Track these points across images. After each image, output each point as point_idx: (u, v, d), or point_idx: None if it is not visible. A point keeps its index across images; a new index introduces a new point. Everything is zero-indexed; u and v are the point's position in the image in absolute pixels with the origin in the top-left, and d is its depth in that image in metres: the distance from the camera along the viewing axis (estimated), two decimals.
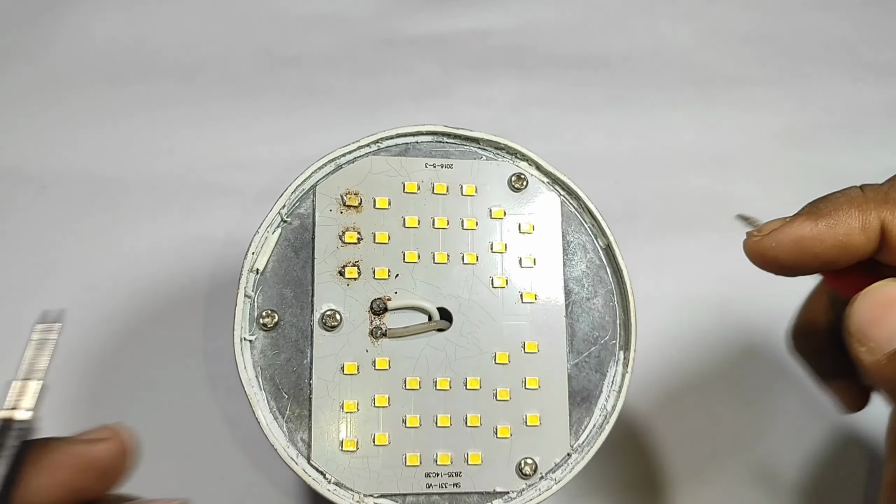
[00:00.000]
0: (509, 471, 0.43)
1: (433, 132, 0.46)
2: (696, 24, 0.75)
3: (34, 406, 0.33)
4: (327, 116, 0.68)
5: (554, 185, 0.47)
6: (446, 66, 0.71)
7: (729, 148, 0.69)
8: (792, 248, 0.37)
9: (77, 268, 0.61)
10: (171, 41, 0.70)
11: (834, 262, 0.37)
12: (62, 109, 0.67)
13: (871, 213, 0.36)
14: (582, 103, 0.70)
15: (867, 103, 0.72)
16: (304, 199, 0.44)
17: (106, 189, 0.64)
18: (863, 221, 0.36)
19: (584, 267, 0.46)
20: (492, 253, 0.45)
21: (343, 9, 0.73)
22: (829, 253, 0.36)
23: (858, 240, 0.36)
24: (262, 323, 0.42)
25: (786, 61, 0.74)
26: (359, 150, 0.45)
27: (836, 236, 0.36)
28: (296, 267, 0.43)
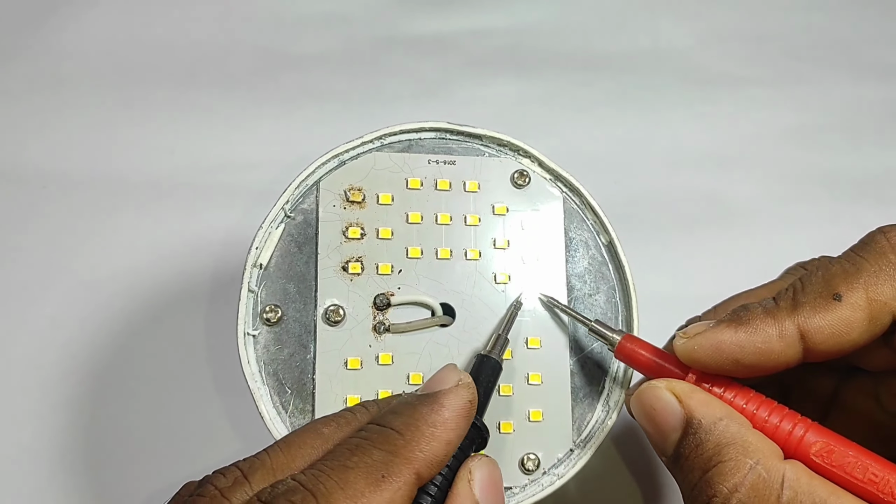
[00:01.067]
0: (512, 466, 0.43)
1: (436, 129, 0.46)
2: (696, 24, 0.75)
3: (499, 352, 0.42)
4: (327, 116, 0.68)
5: (556, 181, 0.47)
6: (446, 66, 0.71)
7: (729, 147, 0.69)
8: (712, 353, 0.38)
9: (77, 268, 0.61)
10: (171, 41, 0.70)
11: (759, 368, 0.38)
12: (62, 109, 0.67)
13: (785, 321, 0.37)
14: (582, 103, 0.70)
15: (867, 103, 0.72)
16: (307, 195, 0.44)
17: (106, 189, 0.64)
18: (779, 329, 0.37)
19: (587, 263, 0.46)
20: (494, 249, 0.45)
21: (343, 9, 0.73)
22: (751, 359, 0.37)
23: (777, 346, 0.37)
24: (266, 318, 0.42)
25: (786, 61, 0.74)
26: (362, 146, 0.45)
27: (755, 344, 0.37)
28: (299, 262, 0.44)
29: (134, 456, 0.56)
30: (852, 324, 0.36)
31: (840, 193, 0.68)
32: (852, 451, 0.36)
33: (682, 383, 0.39)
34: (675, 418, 0.38)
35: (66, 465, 0.56)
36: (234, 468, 0.34)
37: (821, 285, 0.38)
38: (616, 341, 0.42)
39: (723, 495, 0.35)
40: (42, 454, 0.56)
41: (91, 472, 0.55)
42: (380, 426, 0.35)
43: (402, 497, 0.33)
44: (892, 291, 0.37)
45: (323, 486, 0.32)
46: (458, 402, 0.36)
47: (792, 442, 0.37)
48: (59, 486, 0.55)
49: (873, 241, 0.39)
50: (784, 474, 0.34)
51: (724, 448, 0.36)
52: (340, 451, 0.34)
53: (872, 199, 0.67)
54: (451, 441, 0.35)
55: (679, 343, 0.39)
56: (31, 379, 0.58)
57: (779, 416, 0.37)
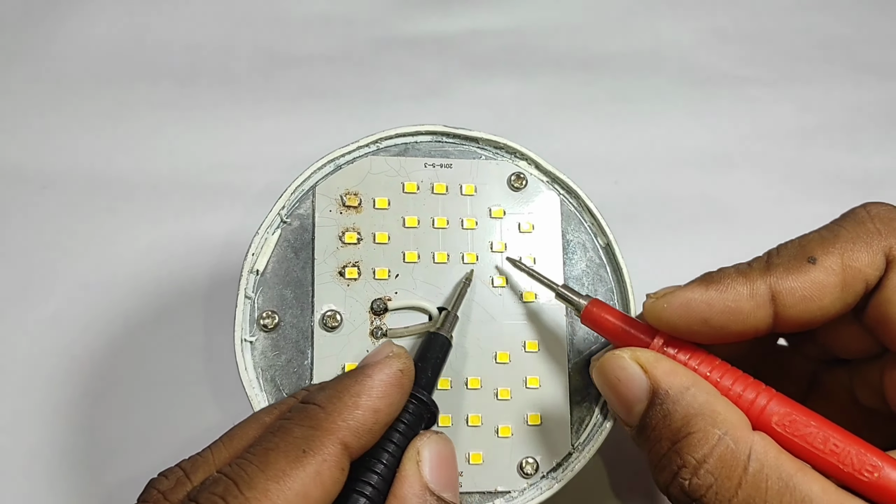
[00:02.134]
0: (511, 470, 0.43)
1: (432, 132, 0.46)
2: (696, 24, 0.74)
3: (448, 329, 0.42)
4: (327, 116, 0.68)
5: (553, 183, 0.47)
6: (446, 66, 0.71)
7: (729, 148, 0.69)
8: (683, 311, 0.38)
9: (77, 268, 0.61)
10: (171, 41, 0.70)
11: (728, 330, 0.37)
12: (62, 109, 0.67)
13: (757, 281, 0.37)
14: (582, 103, 0.70)
15: (867, 103, 0.72)
16: (303, 200, 0.44)
17: (106, 189, 0.64)
18: (750, 288, 0.37)
19: (584, 266, 0.46)
20: (492, 252, 0.45)
21: (343, 9, 0.73)
22: (719, 318, 0.37)
23: (747, 306, 0.37)
24: (263, 324, 0.42)
25: (786, 61, 0.73)
26: (358, 150, 0.45)
27: (725, 301, 0.37)
28: (296, 268, 0.44)
29: (132, 458, 0.56)
30: (825, 288, 0.36)
31: (840, 193, 0.67)
32: (814, 422, 0.36)
33: (647, 352, 0.38)
34: (641, 388, 0.37)
35: (65, 465, 0.56)
36: (177, 468, 0.35)
37: (796, 249, 0.38)
38: (583, 306, 0.42)
39: (691, 466, 0.35)
40: (41, 454, 0.56)
41: (89, 473, 0.56)
42: (303, 404, 0.35)
43: (331, 468, 0.33)
44: (867, 258, 0.36)
45: (244, 473, 0.32)
46: (385, 371, 0.36)
47: (754, 411, 0.36)
48: (58, 486, 0.55)
49: (853, 212, 0.39)
50: (752, 446, 0.34)
51: (693, 418, 0.36)
52: (265, 435, 0.35)
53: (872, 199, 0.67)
54: (380, 409, 0.35)
55: (648, 302, 0.39)
56: (30, 379, 0.58)
57: (743, 384, 0.37)
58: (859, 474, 0.34)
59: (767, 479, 0.34)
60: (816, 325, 0.37)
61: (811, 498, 0.33)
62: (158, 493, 0.34)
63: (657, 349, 0.39)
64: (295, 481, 0.32)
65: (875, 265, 0.36)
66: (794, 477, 0.34)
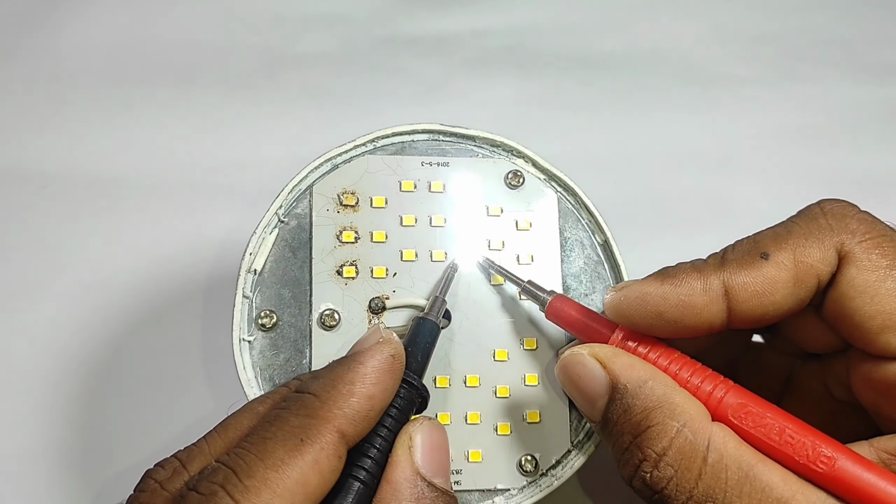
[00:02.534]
0: (510, 468, 0.43)
1: (429, 130, 0.46)
2: (697, 24, 0.74)
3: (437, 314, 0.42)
4: (327, 116, 0.68)
5: (551, 181, 0.47)
6: (446, 66, 0.71)
7: (729, 148, 0.69)
8: (638, 304, 0.38)
9: (77, 268, 0.61)
10: (172, 41, 0.70)
11: (683, 324, 0.38)
12: (62, 109, 0.67)
13: (711, 276, 0.37)
14: (582, 103, 0.70)
15: (867, 103, 0.72)
16: (300, 200, 0.44)
17: (106, 189, 0.64)
18: (704, 283, 0.37)
19: (582, 263, 0.46)
20: (490, 250, 0.45)
21: (343, 8, 0.73)
22: (673, 312, 0.37)
23: (700, 300, 0.37)
24: (261, 323, 0.43)
25: (786, 61, 0.73)
26: (355, 149, 0.45)
27: (679, 296, 0.37)
28: (293, 267, 0.44)
29: (131, 457, 0.56)
30: (776, 283, 0.37)
31: (840, 193, 0.67)
32: (770, 413, 0.36)
33: (606, 347, 0.39)
34: (601, 384, 0.38)
35: (64, 464, 0.56)
36: (174, 458, 0.35)
37: (750, 245, 0.38)
38: (547, 301, 0.42)
39: (652, 459, 0.35)
40: (41, 454, 0.56)
41: (88, 472, 0.56)
42: (298, 393, 0.36)
43: (328, 456, 0.33)
44: (819, 254, 0.37)
45: (242, 462, 0.32)
46: (377, 357, 0.36)
47: (712, 403, 0.37)
48: (58, 485, 0.55)
49: (808, 209, 0.39)
50: (710, 437, 0.35)
51: (652, 412, 0.36)
52: (261, 424, 0.35)
53: (872, 199, 0.66)
54: (375, 396, 0.35)
55: (607, 296, 0.39)
56: (30, 379, 0.58)
57: (701, 376, 0.37)
58: (814, 465, 0.34)
59: (727, 469, 0.34)
60: (771, 320, 0.38)
61: (771, 487, 0.33)
62: (155, 482, 0.34)
63: (617, 343, 0.39)
64: (294, 470, 0.32)
65: (827, 261, 0.37)
66: (755, 467, 0.34)
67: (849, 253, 0.37)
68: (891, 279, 0.36)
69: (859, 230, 0.37)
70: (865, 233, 0.37)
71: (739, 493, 0.34)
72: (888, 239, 0.37)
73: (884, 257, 0.36)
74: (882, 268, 0.36)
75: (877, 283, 0.36)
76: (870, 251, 0.36)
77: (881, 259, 0.36)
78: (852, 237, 0.37)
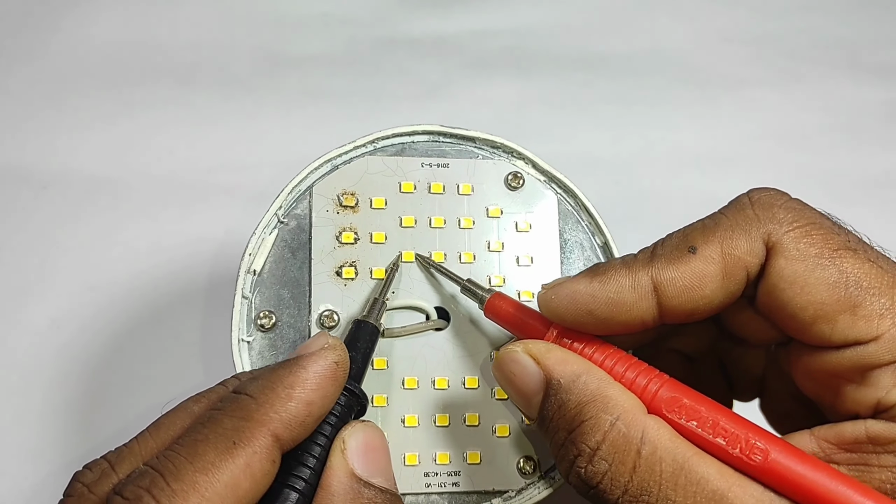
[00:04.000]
0: (508, 470, 0.43)
1: (429, 132, 0.46)
2: (697, 24, 0.74)
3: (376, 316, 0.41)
4: (327, 117, 0.68)
5: (551, 183, 0.47)
6: (446, 67, 0.71)
7: (729, 148, 0.69)
8: (568, 302, 0.37)
9: (77, 268, 0.61)
10: (171, 41, 0.70)
11: (614, 321, 0.37)
12: (62, 109, 0.67)
13: (640, 273, 0.36)
14: (582, 104, 0.70)
15: (867, 104, 0.72)
16: (300, 200, 0.44)
17: (106, 189, 0.64)
18: (632, 280, 0.36)
19: (582, 265, 0.46)
20: (489, 252, 0.45)
21: (343, 9, 0.73)
22: (603, 310, 0.37)
23: (629, 297, 0.36)
24: (260, 324, 0.42)
25: (786, 62, 0.73)
26: (355, 150, 0.45)
27: (607, 293, 0.37)
28: (293, 268, 0.43)
29: None
30: (705, 277, 0.36)
31: (840, 194, 0.67)
32: (704, 407, 0.35)
33: (539, 343, 0.38)
34: (535, 381, 0.37)
35: (64, 465, 0.56)
36: (102, 460, 0.34)
37: (679, 239, 0.38)
38: (486, 299, 0.42)
39: (586, 454, 0.35)
40: (41, 454, 0.56)
41: None
42: (236, 394, 0.35)
43: (261, 460, 0.32)
44: (746, 246, 0.36)
45: (171, 464, 0.32)
46: (321, 363, 0.35)
47: (647, 396, 0.36)
48: (58, 485, 0.55)
49: (737, 200, 0.39)
50: (644, 430, 0.34)
51: (585, 406, 0.35)
52: (194, 426, 0.34)
53: (872, 199, 0.67)
54: (314, 402, 0.35)
55: (540, 293, 0.39)
56: (30, 379, 0.58)
57: (636, 370, 0.37)
58: (748, 458, 0.34)
59: (662, 461, 0.34)
60: (703, 314, 0.37)
61: (707, 479, 0.33)
62: (83, 486, 0.33)
63: (552, 339, 0.39)
64: (224, 473, 0.31)
65: (754, 252, 0.36)
66: (690, 459, 0.34)
67: (777, 243, 0.36)
68: (820, 268, 0.35)
69: (787, 219, 0.36)
70: (793, 221, 0.36)
71: (674, 485, 0.33)
72: (817, 226, 0.36)
73: (812, 246, 0.36)
74: (811, 257, 0.35)
75: (806, 273, 0.35)
76: (798, 240, 0.36)
77: (809, 248, 0.35)
78: (779, 227, 0.36)
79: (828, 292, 0.35)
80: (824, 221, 0.37)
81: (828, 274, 0.35)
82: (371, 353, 0.41)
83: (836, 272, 0.35)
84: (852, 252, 0.35)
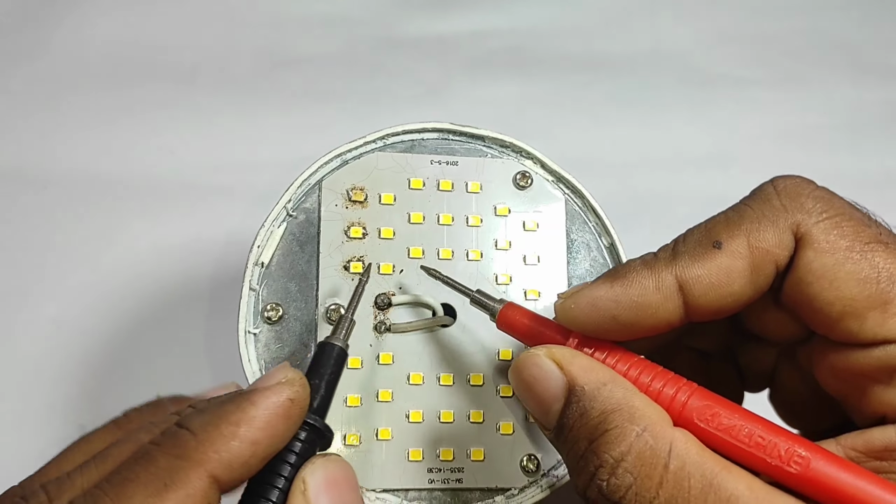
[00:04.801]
0: (512, 467, 0.43)
1: (439, 129, 0.46)
2: (697, 25, 0.75)
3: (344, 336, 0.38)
4: (328, 117, 0.68)
5: (559, 183, 0.47)
6: (447, 67, 0.71)
7: (730, 148, 0.69)
8: (590, 310, 0.36)
9: (77, 268, 0.61)
10: (172, 42, 0.70)
11: (639, 325, 0.36)
12: (62, 109, 0.67)
13: (663, 272, 0.35)
14: (583, 104, 0.71)
15: (867, 104, 0.72)
16: (309, 194, 0.44)
17: (106, 189, 0.64)
18: (656, 281, 0.35)
19: (588, 265, 0.46)
20: (496, 250, 0.45)
21: (343, 10, 0.73)
22: (627, 315, 0.35)
23: (654, 299, 0.35)
24: (267, 316, 0.42)
25: (786, 62, 0.74)
26: (365, 146, 0.45)
27: (631, 297, 0.35)
28: (301, 261, 0.43)
29: None
30: (732, 273, 0.34)
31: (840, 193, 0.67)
32: (738, 415, 0.34)
33: (563, 349, 0.36)
34: (557, 386, 0.35)
35: None
36: (41, 490, 0.33)
37: (702, 234, 0.36)
38: (497, 310, 0.40)
39: (609, 465, 0.33)
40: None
41: None
42: (177, 427, 0.33)
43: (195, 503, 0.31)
44: (775, 238, 0.34)
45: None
46: (272, 399, 0.33)
47: (675, 407, 0.34)
48: None
49: (761, 189, 0.37)
50: (672, 442, 0.32)
51: (610, 415, 0.33)
52: (128, 462, 0.32)
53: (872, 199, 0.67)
54: (259, 441, 0.32)
55: (557, 303, 0.37)
56: (30, 379, 0.58)
57: (662, 380, 0.35)
58: (787, 467, 0.32)
59: (690, 477, 0.32)
60: (731, 311, 0.36)
61: (737, 497, 0.31)
62: None
63: (573, 347, 0.37)
64: None
65: (783, 244, 0.34)
66: (719, 475, 0.32)
67: (805, 234, 0.34)
68: (850, 262, 0.34)
69: (816, 209, 0.35)
70: (822, 211, 0.35)
71: (704, 502, 0.31)
72: (847, 217, 0.35)
73: (842, 238, 0.34)
74: (841, 249, 0.34)
75: (835, 267, 0.34)
76: (828, 231, 0.34)
77: (840, 240, 0.34)
78: (808, 217, 0.34)
79: (858, 287, 0.33)
80: (855, 213, 0.35)
81: (859, 268, 0.33)
82: (337, 379, 0.38)
83: (868, 266, 0.33)
84: (884, 246, 0.34)
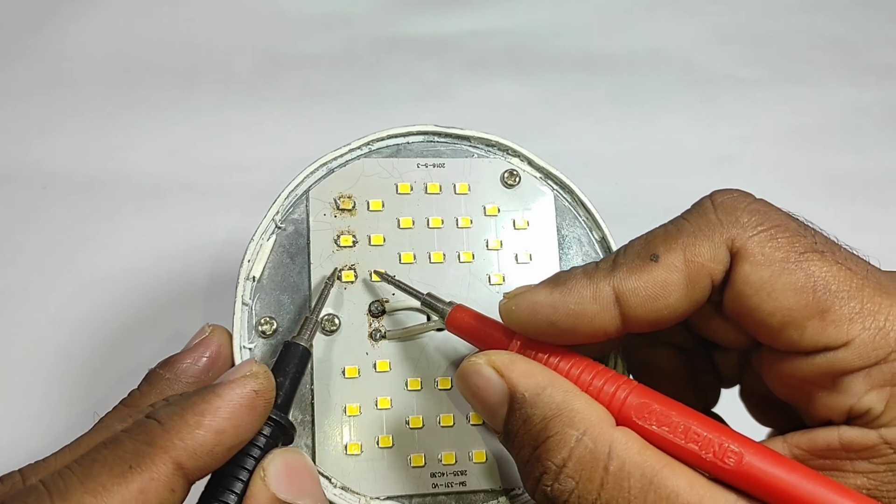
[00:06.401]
0: (514, 467, 0.43)
1: (424, 132, 0.46)
2: (697, 24, 0.74)
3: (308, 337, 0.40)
4: (327, 117, 0.68)
5: (547, 179, 0.46)
6: (446, 67, 0.71)
7: (729, 148, 0.69)
8: (529, 313, 0.36)
9: (77, 268, 0.62)
10: (172, 42, 0.70)
11: (576, 332, 0.36)
12: (62, 109, 0.67)
13: (601, 283, 0.35)
14: (582, 104, 0.70)
15: (867, 104, 0.72)
16: (297, 205, 0.44)
17: (106, 190, 0.64)
18: (593, 291, 0.35)
19: (580, 260, 0.46)
20: (487, 250, 0.45)
21: (343, 10, 0.73)
22: (565, 321, 0.36)
23: (591, 308, 0.35)
24: (261, 330, 0.43)
25: (786, 62, 0.73)
26: (350, 153, 0.45)
27: (568, 305, 0.35)
28: (292, 273, 0.44)
29: None
30: (668, 286, 0.35)
31: (840, 193, 0.67)
32: (674, 412, 0.34)
33: (503, 354, 0.37)
34: (499, 393, 0.36)
35: None
36: (17, 473, 0.34)
37: (641, 246, 0.36)
38: (447, 312, 0.41)
39: (552, 471, 0.33)
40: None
41: None
42: (146, 418, 0.34)
43: (158, 488, 0.32)
44: (710, 253, 0.35)
45: (62, 483, 0.31)
46: (237, 391, 0.35)
47: (616, 405, 0.35)
48: None
49: (700, 203, 0.37)
50: (612, 444, 0.33)
51: (551, 421, 0.34)
52: (97, 446, 0.33)
53: (872, 199, 0.67)
54: (224, 431, 0.34)
55: (502, 303, 0.38)
56: (30, 379, 0.58)
57: (603, 378, 0.36)
58: (722, 462, 0.33)
59: (630, 476, 0.32)
60: (669, 323, 0.36)
61: (677, 493, 0.32)
62: None
63: (516, 350, 0.38)
64: (114, 497, 0.31)
65: (718, 259, 0.35)
66: (660, 473, 0.32)
67: (741, 248, 0.34)
68: (786, 272, 0.34)
69: (751, 223, 0.35)
70: (757, 225, 0.35)
71: (644, 501, 0.32)
72: (782, 229, 0.35)
73: (778, 250, 0.34)
74: (777, 261, 0.34)
75: (772, 279, 0.34)
76: (763, 245, 0.34)
77: (775, 252, 0.34)
78: (743, 231, 0.35)
79: (795, 297, 0.34)
80: (790, 223, 0.35)
81: (795, 278, 0.34)
82: (300, 377, 0.40)
83: (804, 276, 0.34)
84: (820, 254, 0.34)
